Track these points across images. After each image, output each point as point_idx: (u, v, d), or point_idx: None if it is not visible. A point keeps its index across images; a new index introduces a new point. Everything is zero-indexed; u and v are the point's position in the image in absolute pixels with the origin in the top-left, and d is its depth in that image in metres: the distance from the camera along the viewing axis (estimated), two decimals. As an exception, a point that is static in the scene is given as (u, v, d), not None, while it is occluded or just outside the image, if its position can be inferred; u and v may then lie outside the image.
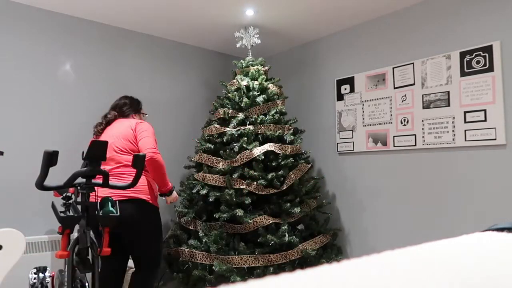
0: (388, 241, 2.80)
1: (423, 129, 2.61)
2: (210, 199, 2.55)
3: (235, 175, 2.57)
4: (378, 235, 2.85)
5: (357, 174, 3.03)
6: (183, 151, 3.46)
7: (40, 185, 1.52)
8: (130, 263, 2.67)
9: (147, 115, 2.55)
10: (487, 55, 2.32)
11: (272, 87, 2.91)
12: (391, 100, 2.81)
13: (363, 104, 3.00)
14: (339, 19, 2.98)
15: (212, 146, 2.79)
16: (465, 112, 2.41)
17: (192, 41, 3.48)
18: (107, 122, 2.31)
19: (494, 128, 2.28)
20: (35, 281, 2.11)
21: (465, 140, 2.39)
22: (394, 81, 2.79)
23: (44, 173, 1.49)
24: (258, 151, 2.59)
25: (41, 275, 2.14)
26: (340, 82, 3.18)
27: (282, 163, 2.63)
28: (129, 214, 2.03)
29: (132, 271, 2.63)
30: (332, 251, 2.79)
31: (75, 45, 2.86)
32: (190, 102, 3.55)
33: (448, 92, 2.49)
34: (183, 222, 2.74)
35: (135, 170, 1.99)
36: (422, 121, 2.61)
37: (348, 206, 3.07)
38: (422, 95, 2.62)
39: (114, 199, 1.96)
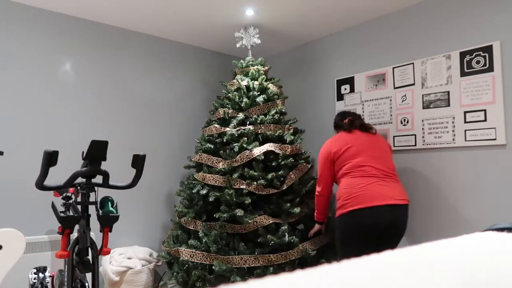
0: (388, 241, 2.80)
1: (423, 129, 2.61)
2: (210, 199, 2.55)
3: (235, 175, 2.57)
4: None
5: (357, 174, 3.03)
6: (183, 151, 3.46)
7: (40, 185, 1.52)
8: (130, 263, 2.67)
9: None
10: (487, 55, 2.32)
11: (272, 87, 2.91)
12: (391, 100, 2.81)
13: (363, 104, 3.00)
14: (339, 19, 2.98)
15: (212, 146, 2.79)
16: (465, 112, 2.41)
17: (192, 41, 3.48)
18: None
19: (494, 128, 2.27)
20: (35, 281, 2.11)
21: (465, 140, 2.39)
22: (394, 81, 2.79)
23: (44, 173, 1.49)
24: (258, 151, 2.59)
25: (41, 275, 2.14)
26: (340, 82, 3.18)
27: (282, 163, 2.63)
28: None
29: (132, 271, 2.63)
30: (332, 251, 2.79)
31: (75, 45, 2.87)
32: (190, 102, 3.55)
33: (448, 92, 2.49)
34: (183, 222, 2.74)
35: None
36: (422, 121, 2.61)
37: (348, 206, 3.07)
38: (422, 95, 2.62)
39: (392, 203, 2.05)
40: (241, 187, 2.53)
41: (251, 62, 3.01)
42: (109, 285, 2.63)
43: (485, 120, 2.32)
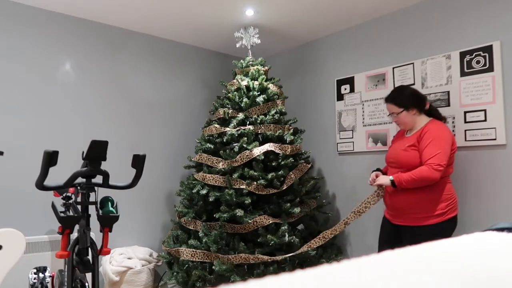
0: (388, 241, 2.80)
1: (423, 129, 2.61)
2: (210, 199, 2.55)
3: (235, 175, 2.57)
4: (378, 235, 2.85)
5: (357, 174, 3.03)
6: (183, 151, 3.46)
7: (40, 185, 1.53)
8: (130, 263, 2.67)
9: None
10: (487, 55, 2.32)
11: (272, 87, 2.91)
12: (391, 100, 2.81)
13: (363, 104, 3.00)
14: (339, 19, 2.98)
15: (212, 146, 2.79)
16: (465, 112, 2.41)
17: (192, 41, 3.48)
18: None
19: (494, 128, 2.27)
20: (35, 281, 2.11)
21: (465, 140, 2.39)
22: (394, 81, 2.79)
23: (44, 173, 1.49)
24: (258, 151, 2.59)
25: (41, 275, 2.14)
26: (340, 82, 3.18)
27: (282, 163, 2.63)
28: None
29: (132, 271, 2.63)
30: (332, 251, 2.79)
31: (75, 45, 2.87)
32: (190, 102, 3.55)
33: (448, 92, 2.49)
34: (183, 222, 2.74)
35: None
36: (422, 121, 2.61)
37: (348, 206, 3.07)
38: (422, 95, 2.62)
39: None
40: (241, 187, 2.53)
41: (251, 62, 3.01)
42: (109, 285, 2.63)
43: (485, 120, 2.32)
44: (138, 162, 1.73)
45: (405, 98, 2.08)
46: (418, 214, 1.98)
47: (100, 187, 1.70)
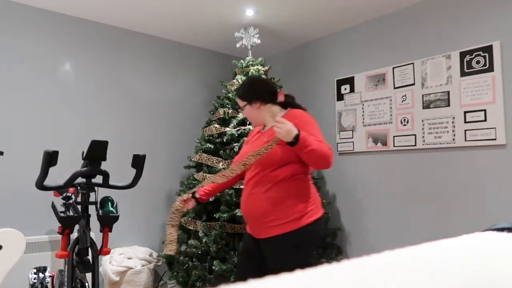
0: (388, 241, 2.80)
1: (423, 129, 2.61)
2: (210, 199, 2.55)
3: (235, 175, 2.57)
4: (378, 235, 2.85)
5: (357, 174, 3.03)
6: (183, 151, 3.46)
7: (40, 185, 1.52)
8: (130, 263, 2.67)
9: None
10: (487, 55, 2.32)
11: (272, 87, 2.91)
12: (391, 100, 2.81)
13: (363, 104, 3.00)
14: (339, 19, 2.98)
15: (212, 146, 2.79)
16: (465, 112, 2.41)
17: (192, 41, 3.48)
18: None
19: (494, 128, 2.27)
20: (35, 281, 2.11)
21: (465, 140, 2.39)
22: (394, 81, 2.79)
23: (44, 173, 1.49)
24: (258, 151, 2.59)
25: (41, 275, 2.14)
26: (340, 82, 3.18)
27: (282, 163, 2.63)
28: None
29: (132, 271, 2.63)
30: (332, 251, 2.79)
31: (75, 45, 2.86)
32: (190, 102, 3.55)
33: (448, 92, 2.49)
34: (183, 222, 2.74)
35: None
36: (422, 121, 2.61)
37: (348, 206, 3.07)
38: (422, 95, 2.62)
39: None
40: (241, 187, 2.53)
41: (251, 62, 3.01)
42: (109, 285, 2.63)
43: (485, 120, 2.32)
44: (138, 162, 1.72)
45: (249, 91, 1.79)
46: (275, 222, 1.63)
47: (100, 187, 1.69)
